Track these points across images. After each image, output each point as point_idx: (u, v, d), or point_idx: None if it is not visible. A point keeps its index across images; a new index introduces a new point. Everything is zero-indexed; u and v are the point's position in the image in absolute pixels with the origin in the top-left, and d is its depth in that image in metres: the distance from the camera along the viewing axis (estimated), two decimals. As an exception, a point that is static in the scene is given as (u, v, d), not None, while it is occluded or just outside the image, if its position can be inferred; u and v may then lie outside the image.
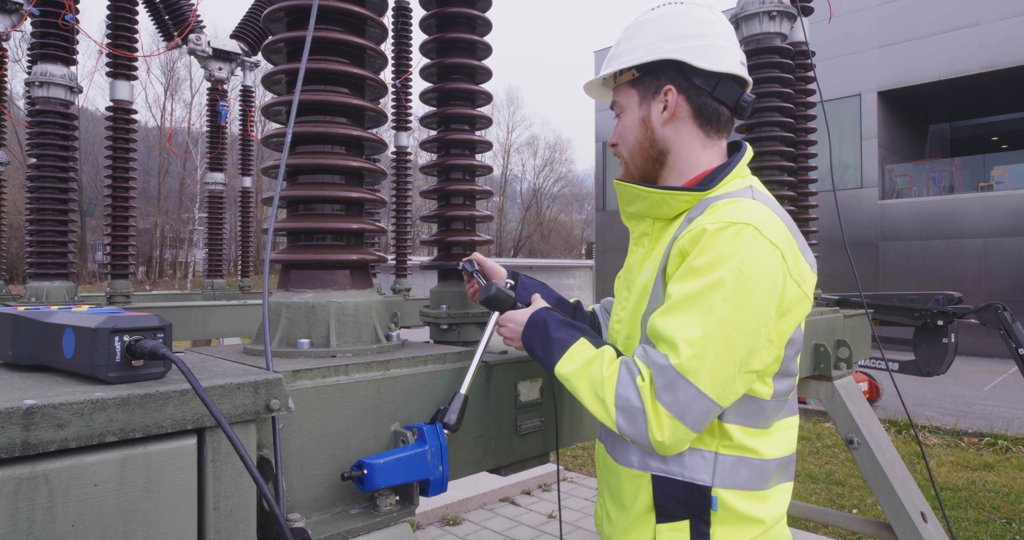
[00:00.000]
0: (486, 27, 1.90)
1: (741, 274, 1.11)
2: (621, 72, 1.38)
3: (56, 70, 3.80)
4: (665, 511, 1.24)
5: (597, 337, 1.30)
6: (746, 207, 1.18)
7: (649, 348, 1.18)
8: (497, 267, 1.64)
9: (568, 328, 1.31)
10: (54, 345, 0.95)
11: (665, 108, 1.33)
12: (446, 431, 1.25)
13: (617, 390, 1.16)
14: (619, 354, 1.26)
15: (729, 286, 1.10)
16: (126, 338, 0.90)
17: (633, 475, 1.29)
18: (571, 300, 1.67)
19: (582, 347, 1.26)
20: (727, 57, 1.32)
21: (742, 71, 1.34)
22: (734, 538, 1.21)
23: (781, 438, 1.29)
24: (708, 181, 1.29)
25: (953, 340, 4.55)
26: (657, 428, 1.11)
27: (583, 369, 1.22)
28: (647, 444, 1.13)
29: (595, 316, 1.66)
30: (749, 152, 1.37)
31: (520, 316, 1.38)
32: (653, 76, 1.34)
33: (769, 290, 1.13)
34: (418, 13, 1.93)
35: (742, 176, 1.32)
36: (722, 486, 1.21)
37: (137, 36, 4.73)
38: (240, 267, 8.12)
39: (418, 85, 5.42)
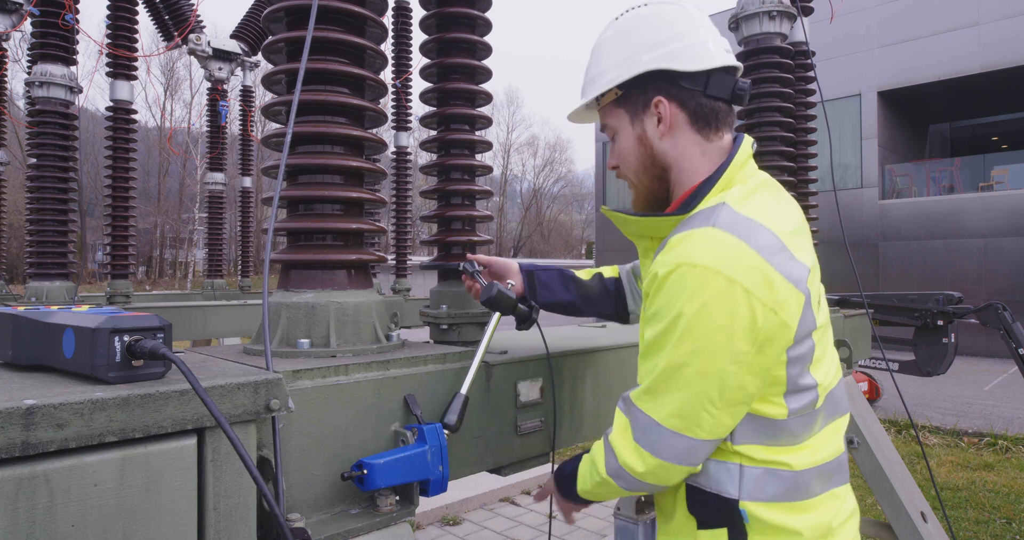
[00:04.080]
0: (486, 27, 1.90)
1: (692, 318, 1.08)
2: (603, 94, 1.31)
3: (56, 70, 3.80)
4: (703, 519, 1.22)
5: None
6: (698, 242, 1.11)
7: (626, 395, 1.25)
8: (508, 264, 1.59)
9: (570, 462, 1.43)
10: (54, 345, 0.95)
11: (660, 121, 1.26)
12: (446, 431, 1.25)
13: (607, 462, 1.26)
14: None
15: (679, 330, 1.09)
16: (126, 338, 0.90)
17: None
18: (588, 276, 1.64)
19: (581, 462, 1.38)
20: (710, 50, 1.24)
21: (729, 59, 1.26)
22: None
23: (819, 446, 1.22)
24: (690, 200, 1.22)
25: (953, 340, 4.55)
26: (632, 460, 1.20)
27: (586, 474, 1.34)
28: (634, 483, 1.22)
29: (619, 282, 1.64)
30: (743, 150, 1.26)
31: (551, 486, 1.49)
32: (638, 90, 1.27)
33: (728, 328, 1.07)
34: (418, 13, 1.92)
35: (728, 186, 1.22)
36: (750, 499, 1.16)
37: (137, 36, 4.74)
38: (240, 267, 8.12)
39: (418, 85, 5.42)
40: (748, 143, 1.28)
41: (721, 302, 1.07)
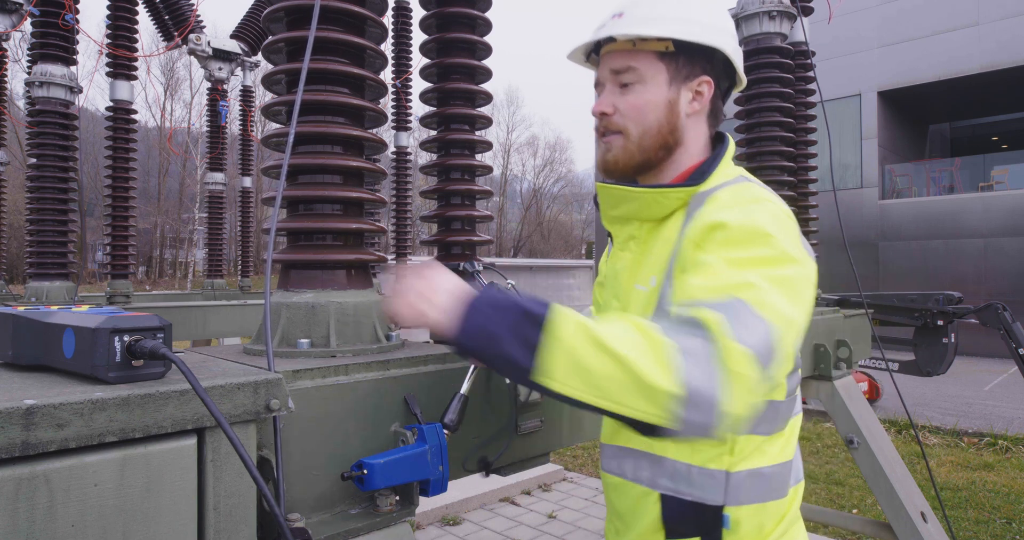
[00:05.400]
0: (486, 27, 1.90)
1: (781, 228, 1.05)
2: (656, 39, 1.20)
3: (56, 70, 3.80)
4: (675, 529, 1.18)
5: None
6: (751, 187, 1.14)
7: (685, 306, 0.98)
8: None
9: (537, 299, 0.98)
10: (54, 345, 0.95)
11: (695, 99, 1.23)
12: (446, 431, 1.25)
13: (668, 336, 0.90)
14: None
15: (775, 248, 1.02)
16: (126, 338, 0.90)
17: (643, 492, 1.23)
18: None
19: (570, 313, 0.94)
20: (742, 65, 1.28)
21: (745, 82, 1.32)
22: None
23: (791, 438, 1.23)
24: (699, 175, 1.20)
25: (953, 340, 4.54)
26: (733, 374, 0.88)
27: (615, 330, 0.91)
28: (716, 396, 0.87)
29: None
30: (732, 144, 1.30)
31: (443, 284, 1.00)
32: (689, 59, 1.21)
33: (798, 262, 1.03)
34: (418, 13, 1.93)
35: (729, 167, 1.26)
36: (734, 503, 1.14)
37: (137, 36, 4.74)
38: (240, 267, 8.12)
39: (418, 85, 5.42)
40: (732, 141, 1.32)
41: (793, 227, 1.10)
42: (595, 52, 1.30)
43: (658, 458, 1.20)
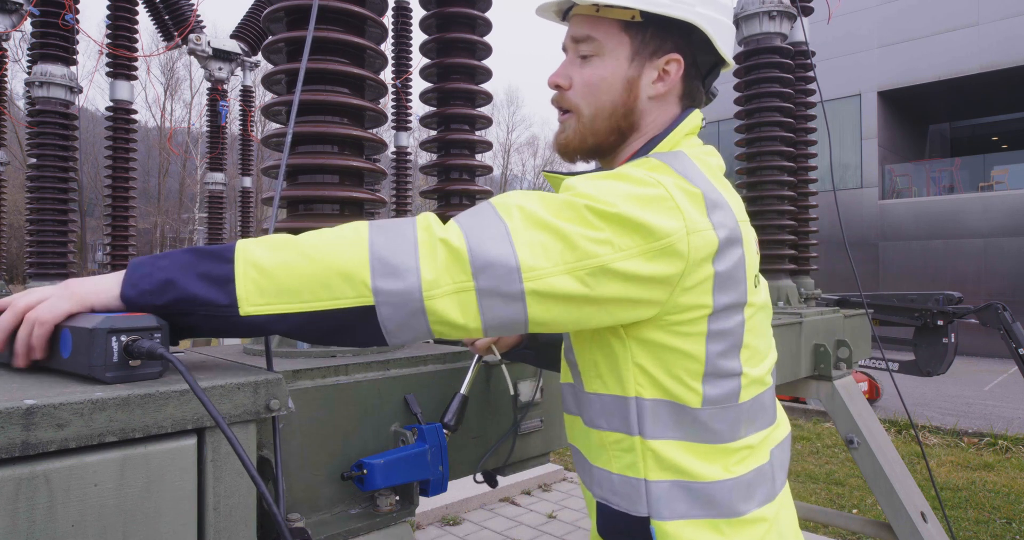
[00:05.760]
0: (486, 27, 1.90)
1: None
2: (620, 7, 1.05)
3: (56, 70, 3.80)
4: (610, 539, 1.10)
5: None
6: (631, 169, 0.97)
7: None
8: None
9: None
10: (52, 345, 0.95)
11: (659, 79, 1.08)
12: (446, 431, 1.25)
13: (370, 224, 0.89)
14: None
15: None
16: (123, 338, 0.90)
17: (589, 497, 1.16)
18: None
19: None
20: (732, 41, 1.13)
21: (732, 62, 1.17)
22: None
23: (745, 457, 1.04)
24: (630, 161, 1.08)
25: (953, 340, 4.54)
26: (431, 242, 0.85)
27: (299, 238, 0.88)
28: (416, 264, 0.84)
29: None
30: (687, 122, 1.10)
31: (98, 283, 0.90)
32: (658, 32, 1.06)
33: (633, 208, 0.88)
34: (418, 13, 1.93)
35: (673, 147, 1.08)
36: (660, 518, 1.01)
37: (137, 36, 4.74)
38: (240, 267, 8.12)
39: (418, 85, 5.42)
40: (697, 115, 1.13)
41: (645, 189, 0.92)
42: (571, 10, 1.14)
43: (588, 465, 1.15)
